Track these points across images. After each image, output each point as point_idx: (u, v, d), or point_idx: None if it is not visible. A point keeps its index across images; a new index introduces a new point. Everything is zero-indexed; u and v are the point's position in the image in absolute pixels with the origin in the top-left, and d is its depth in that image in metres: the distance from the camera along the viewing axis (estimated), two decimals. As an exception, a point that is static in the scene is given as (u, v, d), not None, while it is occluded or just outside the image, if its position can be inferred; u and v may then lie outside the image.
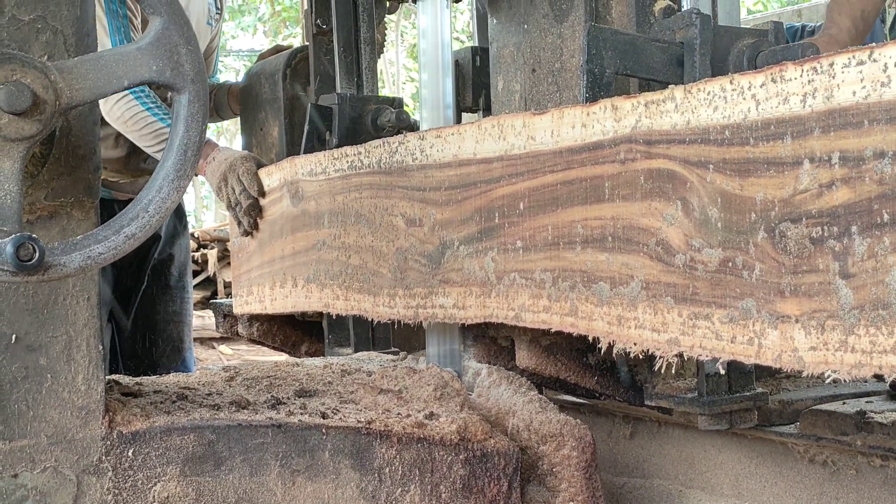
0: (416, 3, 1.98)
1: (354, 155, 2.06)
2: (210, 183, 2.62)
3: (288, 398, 1.59)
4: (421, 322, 1.87)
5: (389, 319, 1.96)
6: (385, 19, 2.90)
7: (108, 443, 1.39)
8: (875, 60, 1.10)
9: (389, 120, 2.55)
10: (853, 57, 1.12)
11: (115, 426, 1.40)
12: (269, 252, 2.44)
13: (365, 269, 2.03)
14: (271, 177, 2.44)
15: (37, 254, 1.16)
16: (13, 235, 1.16)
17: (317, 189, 2.20)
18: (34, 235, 1.17)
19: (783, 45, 1.65)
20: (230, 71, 16.85)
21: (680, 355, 1.35)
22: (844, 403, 1.78)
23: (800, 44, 1.59)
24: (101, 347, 1.40)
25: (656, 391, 1.78)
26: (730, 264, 1.27)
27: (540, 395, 1.65)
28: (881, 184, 1.10)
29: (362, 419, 1.49)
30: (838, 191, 1.14)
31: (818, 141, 1.16)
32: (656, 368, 1.41)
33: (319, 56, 2.79)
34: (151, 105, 2.62)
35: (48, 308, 1.37)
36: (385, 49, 3.01)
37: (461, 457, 1.49)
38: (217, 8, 3.25)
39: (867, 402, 1.79)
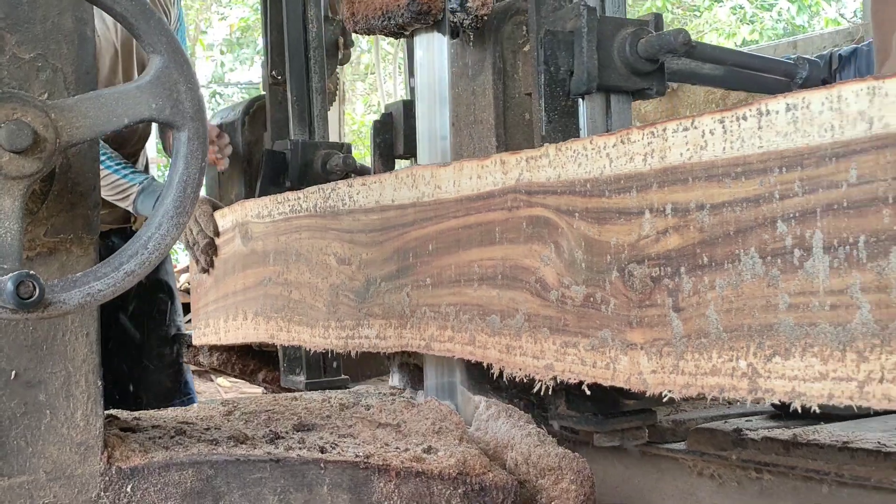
0: (412, 37, 2.00)
1: (295, 199, 2.24)
2: (171, 224, 2.78)
3: (286, 432, 1.58)
4: (350, 352, 2.04)
5: (324, 349, 2.13)
6: (336, 70, 3.10)
7: (107, 478, 1.37)
8: (696, 127, 1.28)
9: (337, 164, 2.74)
10: (680, 124, 1.30)
11: (114, 462, 1.38)
12: (223, 288, 2.61)
13: (304, 303, 2.20)
14: (224, 218, 2.62)
15: (37, 291, 1.15)
16: (13, 273, 1.15)
17: (263, 230, 2.38)
18: (34, 273, 1.16)
19: (660, 32, 1.82)
20: (227, 104, 17.00)
21: (555, 379, 1.53)
22: (726, 422, 1.95)
23: (673, 31, 1.76)
24: (99, 383, 1.39)
25: (559, 412, 1.95)
26: (591, 299, 1.45)
27: (538, 429, 1.65)
28: (701, 231, 1.28)
29: (361, 453, 1.48)
30: (671, 237, 1.32)
31: (656, 194, 1.34)
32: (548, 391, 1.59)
33: (275, 104, 2.97)
34: (104, 158, 2.77)
35: (47, 344, 1.36)
36: (336, 98, 3.19)
37: (460, 491, 1.47)
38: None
39: (747, 420, 1.96)
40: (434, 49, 1.97)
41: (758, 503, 1.87)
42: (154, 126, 3.23)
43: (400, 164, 2.42)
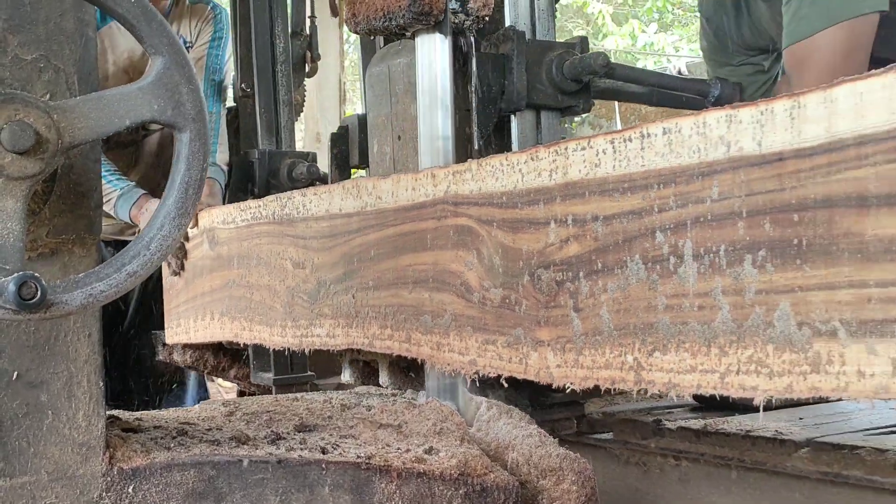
0: (413, 38, 2.00)
1: (256, 207, 2.38)
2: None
3: (288, 433, 1.58)
4: (304, 349, 2.18)
5: (282, 347, 2.27)
6: (303, 82, 3.24)
7: (109, 479, 1.36)
8: (591, 147, 1.42)
9: (302, 172, 2.88)
10: (578, 143, 1.44)
11: (116, 462, 1.37)
12: (193, 290, 2.75)
13: (263, 304, 2.34)
14: (199, 223, 2.76)
15: (39, 292, 1.14)
16: (15, 274, 1.15)
17: (228, 236, 2.52)
18: (36, 274, 1.15)
19: (584, 55, 1.98)
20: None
21: (477, 373, 1.67)
22: (649, 414, 2.10)
23: (594, 54, 1.92)
24: (101, 384, 1.38)
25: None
26: (507, 301, 1.59)
27: (540, 430, 1.64)
28: (596, 240, 1.42)
29: (362, 454, 1.48)
30: (571, 245, 1.46)
31: (559, 206, 1.48)
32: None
33: (244, 116, 3.12)
34: None
35: (49, 345, 1.35)
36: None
37: (461, 491, 1.46)
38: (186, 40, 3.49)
39: (668, 412, 2.10)
40: (435, 50, 1.97)
41: (677, 488, 2.02)
42: None
43: (357, 173, 2.56)
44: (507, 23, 2.04)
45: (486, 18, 1.98)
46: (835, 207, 1.11)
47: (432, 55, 1.97)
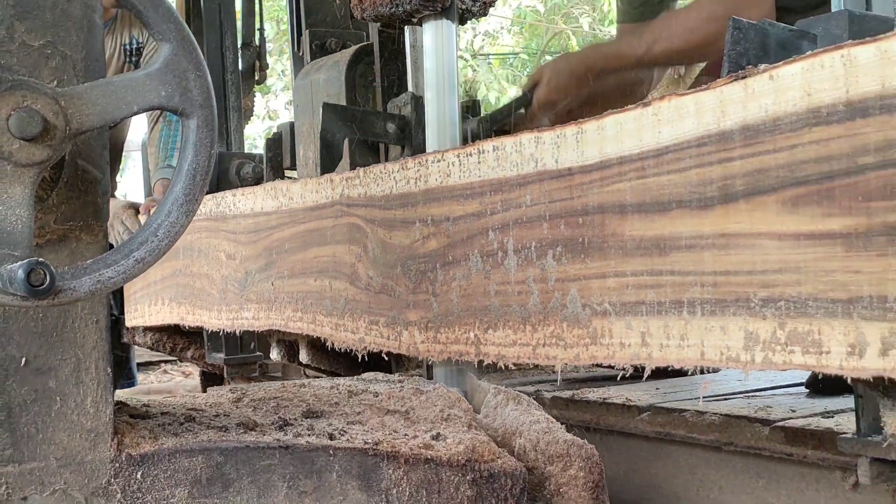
0: (421, 24, 2.00)
1: (212, 201, 2.64)
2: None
3: (295, 419, 1.56)
4: (236, 331, 2.45)
5: (218, 329, 2.54)
6: (252, 90, 3.49)
7: (117, 465, 1.35)
8: (444, 160, 1.69)
9: (248, 172, 3.13)
10: (434, 156, 1.71)
11: (124, 448, 1.36)
12: (147, 277, 3.01)
13: (203, 291, 2.61)
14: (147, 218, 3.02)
15: (48, 279, 1.13)
16: (24, 260, 1.13)
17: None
18: (45, 260, 1.14)
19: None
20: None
21: (365, 349, 1.94)
22: (533, 385, 2.37)
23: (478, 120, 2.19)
24: (109, 370, 1.37)
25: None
26: (386, 287, 1.86)
27: (547, 416, 1.63)
28: (448, 237, 1.69)
29: (369, 440, 1.47)
30: (431, 241, 1.73)
31: (422, 209, 1.75)
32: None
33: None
34: None
35: (57, 331, 1.34)
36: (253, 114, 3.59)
37: (468, 477, 1.45)
38: (130, 53, 3.71)
39: (553, 384, 2.37)
40: (443, 36, 1.96)
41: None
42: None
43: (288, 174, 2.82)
44: (409, 88, 2.29)
45: (493, 4, 1.99)
46: (606, 213, 1.38)
47: (439, 41, 1.96)
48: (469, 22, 2.06)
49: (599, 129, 1.38)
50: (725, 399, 2.04)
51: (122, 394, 1.87)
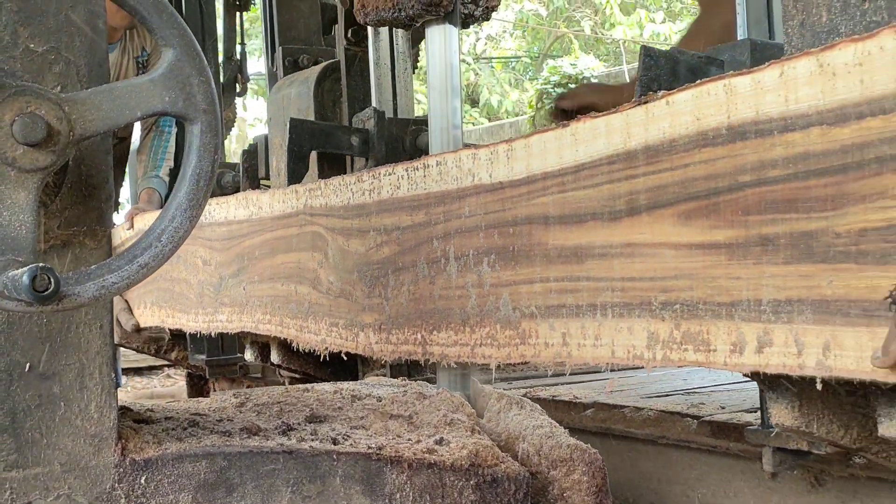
0: (425, 28, 2.00)
1: (176, 213, 2.76)
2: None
3: (298, 424, 1.55)
4: (211, 333, 2.57)
5: (195, 331, 2.66)
6: (233, 101, 3.61)
7: (121, 470, 1.35)
8: (395, 173, 1.81)
9: (228, 181, 3.25)
10: (387, 169, 1.83)
11: (128, 453, 1.36)
12: (130, 283, 3.13)
13: (182, 295, 2.72)
14: (134, 226, 3.14)
15: (52, 284, 1.12)
16: (29, 266, 1.12)
17: (156, 237, 2.90)
18: (49, 266, 1.13)
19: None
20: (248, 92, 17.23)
21: (326, 349, 2.05)
22: (509, 382, 2.48)
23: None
24: (113, 375, 1.37)
25: (366, 377, 2.47)
26: (344, 292, 1.98)
27: (550, 420, 1.63)
28: (399, 245, 1.80)
29: (373, 445, 1.46)
30: (383, 249, 1.85)
31: (376, 219, 1.87)
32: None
33: (181, 132, 3.49)
34: None
35: (61, 336, 1.33)
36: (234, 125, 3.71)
37: (472, 482, 1.45)
38: (142, 65, 3.82)
39: (519, 380, 2.49)
40: (445, 40, 1.96)
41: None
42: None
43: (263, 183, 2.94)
44: (373, 103, 2.41)
45: (495, 8, 2.00)
46: (532, 224, 1.49)
47: (442, 46, 1.97)
48: (472, 26, 2.06)
49: (526, 146, 1.50)
50: (666, 396, 2.16)
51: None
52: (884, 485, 1.57)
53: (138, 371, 7.21)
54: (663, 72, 1.44)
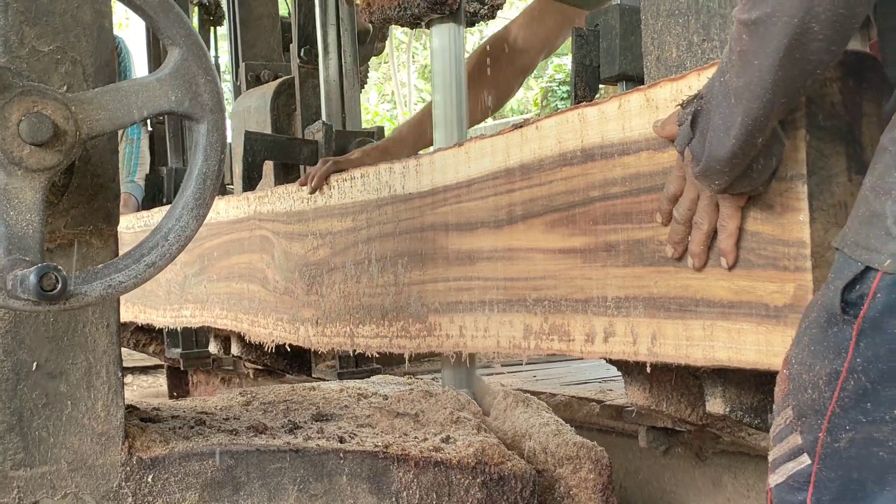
0: (429, 27, 1.99)
1: (147, 216, 2.95)
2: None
3: (305, 422, 1.55)
4: (176, 327, 2.75)
5: (164, 326, 2.84)
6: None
7: (128, 469, 1.34)
8: (328, 183, 1.99)
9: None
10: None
11: (135, 452, 1.35)
12: (108, 281, 3.31)
13: (152, 292, 2.91)
14: (109, 229, 3.33)
15: (59, 283, 1.11)
16: (36, 265, 1.12)
17: (130, 238, 3.08)
18: (57, 265, 1.12)
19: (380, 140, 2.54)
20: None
21: (273, 342, 2.24)
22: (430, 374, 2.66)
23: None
24: (120, 373, 1.36)
25: (318, 367, 2.66)
26: (288, 289, 2.16)
27: (557, 418, 1.62)
28: (332, 248, 1.99)
29: (379, 443, 1.46)
30: (319, 251, 2.03)
31: (314, 223, 2.05)
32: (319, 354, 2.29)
33: (158, 139, 3.68)
34: None
35: (68, 335, 1.33)
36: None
37: (478, 480, 1.44)
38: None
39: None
40: (450, 39, 1.96)
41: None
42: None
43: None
44: (323, 117, 2.59)
45: (501, 6, 1.99)
46: (436, 230, 1.68)
47: (447, 44, 1.96)
48: (476, 24, 2.07)
49: (431, 162, 1.68)
50: (584, 384, 2.34)
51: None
52: (750, 459, 1.76)
53: (144, 370, 7.27)
54: (592, 48, 1.63)
